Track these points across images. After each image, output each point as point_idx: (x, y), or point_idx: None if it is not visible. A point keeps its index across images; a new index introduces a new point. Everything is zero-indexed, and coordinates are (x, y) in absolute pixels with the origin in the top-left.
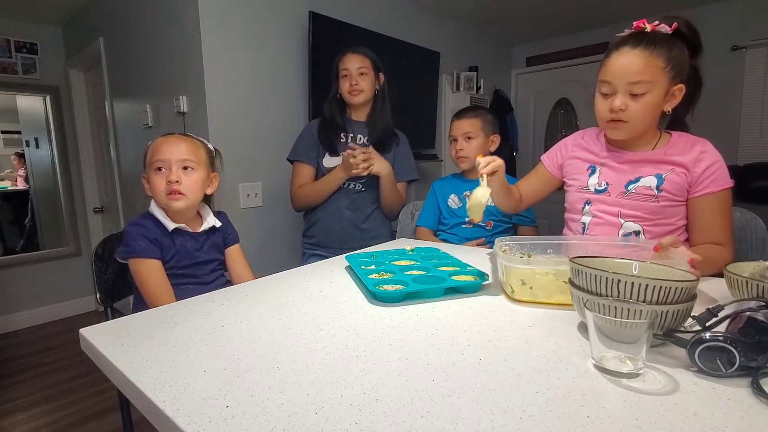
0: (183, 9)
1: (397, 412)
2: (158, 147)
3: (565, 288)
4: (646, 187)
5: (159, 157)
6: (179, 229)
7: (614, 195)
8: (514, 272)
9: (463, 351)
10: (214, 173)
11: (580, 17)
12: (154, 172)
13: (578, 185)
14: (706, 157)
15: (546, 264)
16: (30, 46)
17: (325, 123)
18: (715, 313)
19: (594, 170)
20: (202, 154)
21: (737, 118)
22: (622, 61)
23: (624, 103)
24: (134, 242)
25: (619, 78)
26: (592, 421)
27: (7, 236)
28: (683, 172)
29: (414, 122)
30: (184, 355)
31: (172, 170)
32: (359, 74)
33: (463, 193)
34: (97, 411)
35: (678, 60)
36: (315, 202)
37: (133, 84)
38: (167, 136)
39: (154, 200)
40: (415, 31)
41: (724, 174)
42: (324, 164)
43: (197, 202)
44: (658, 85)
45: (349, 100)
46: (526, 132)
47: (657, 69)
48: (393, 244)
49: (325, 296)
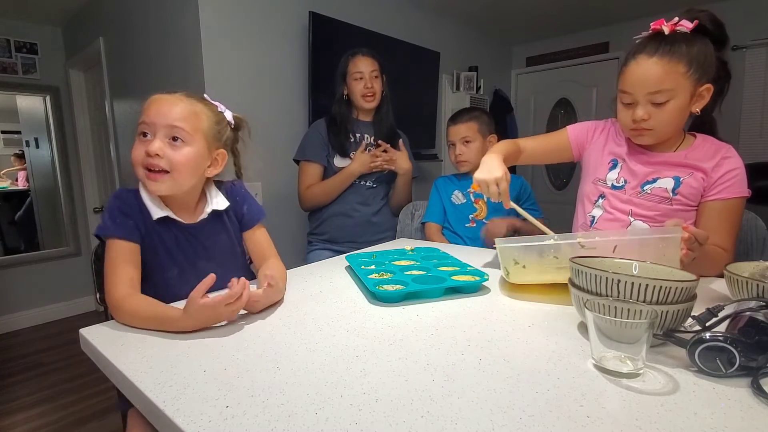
0: (183, 9)
1: (397, 412)
2: (148, 105)
3: (557, 263)
4: (662, 189)
5: (144, 118)
6: (167, 218)
7: (629, 193)
8: (507, 252)
9: (463, 351)
10: (219, 150)
11: (580, 17)
12: (138, 137)
13: (596, 177)
14: (727, 163)
15: (537, 240)
16: (30, 46)
17: (333, 124)
18: (715, 313)
19: (615, 165)
20: (203, 122)
21: (737, 118)
22: (639, 72)
23: (647, 113)
24: (112, 217)
25: (638, 89)
26: (592, 421)
27: (7, 236)
28: (702, 177)
29: (414, 122)
30: (184, 355)
31: (156, 138)
32: (373, 77)
33: (467, 190)
34: (97, 411)
35: (702, 59)
36: (326, 200)
37: (133, 84)
38: (159, 94)
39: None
40: (415, 31)
41: (741, 182)
42: (336, 164)
43: (188, 186)
44: (682, 90)
45: (362, 104)
46: (526, 132)
47: (678, 75)
48: (393, 244)
49: (325, 296)
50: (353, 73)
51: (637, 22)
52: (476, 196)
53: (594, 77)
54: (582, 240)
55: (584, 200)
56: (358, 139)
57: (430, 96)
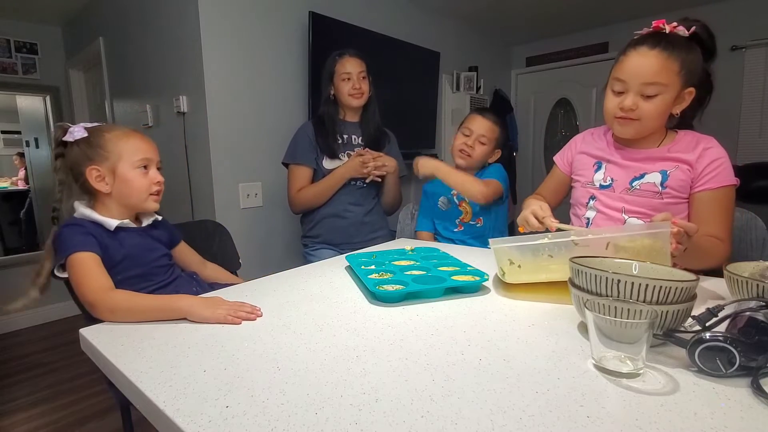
0: (183, 9)
1: (397, 412)
2: (138, 144)
3: (552, 263)
4: (650, 184)
5: (145, 155)
6: (122, 226)
7: (619, 191)
8: (502, 252)
9: (463, 351)
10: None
11: (580, 17)
12: (136, 169)
13: (584, 180)
14: (709, 154)
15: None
16: (30, 46)
17: (321, 125)
18: (715, 313)
19: (600, 166)
20: None
21: (737, 118)
22: (639, 61)
23: (635, 103)
24: (70, 240)
25: (633, 77)
26: (592, 421)
27: (7, 236)
28: (688, 169)
29: (414, 122)
30: (184, 355)
31: (157, 171)
32: (361, 78)
33: (451, 192)
34: (97, 411)
35: (692, 64)
36: (317, 203)
37: (133, 84)
38: (135, 132)
39: (124, 199)
40: (415, 31)
41: (727, 171)
42: (325, 166)
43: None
44: (671, 88)
45: (350, 103)
46: (526, 132)
47: (672, 72)
48: (393, 244)
49: (325, 296)
50: (341, 74)
51: (636, 22)
52: (459, 198)
53: (594, 77)
54: (575, 238)
55: (576, 205)
56: (345, 140)
57: (430, 96)
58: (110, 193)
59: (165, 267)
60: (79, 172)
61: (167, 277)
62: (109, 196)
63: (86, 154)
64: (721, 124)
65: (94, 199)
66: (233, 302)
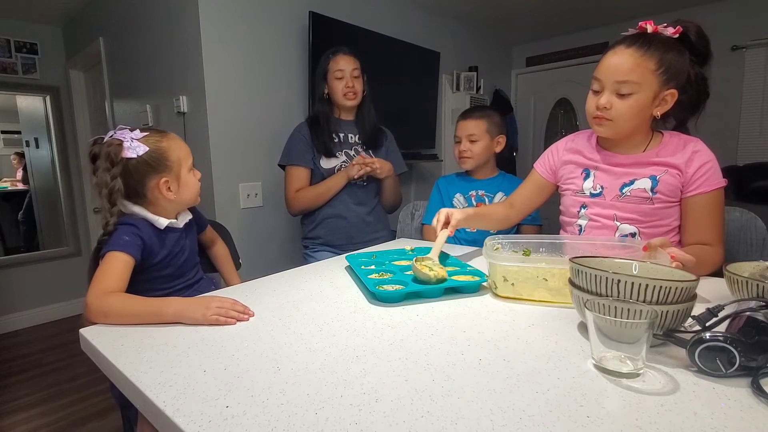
0: (183, 9)
1: (397, 412)
2: (185, 147)
3: (547, 285)
4: (640, 190)
5: (192, 157)
6: (171, 226)
7: (609, 198)
8: (497, 269)
9: (463, 351)
10: None
11: (580, 17)
12: (189, 171)
13: (574, 189)
14: (698, 157)
15: (528, 261)
16: (30, 46)
17: (316, 125)
18: (715, 313)
19: (588, 174)
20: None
21: (737, 118)
22: (613, 60)
23: (609, 102)
24: (120, 237)
25: (607, 76)
26: (592, 421)
27: (8, 236)
28: (677, 173)
29: (414, 122)
30: (184, 355)
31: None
32: (354, 76)
33: (469, 193)
34: (97, 411)
35: (673, 64)
36: (317, 205)
37: (133, 84)
38: (175, 135)
39: (183, 201)
40: (415, 31)
41: (716, 173)
42: (322, 165)
43: None
44: (647, 87)
45: (344, 103)
46: (526, 132)
47: (647, 71)
48: (393, 244)
49: (325, 296)
50: (334, 72)
51: (636, 22)
52: (478, 200)
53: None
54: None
55: (567, 214)
56: (342, 138)
57: (430, 96)
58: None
59: (192, 269)
60: (140, 183)
61: (191, 278)
62: (167, 199)
63: (151, 166)
64: (721, 124)
65: (146, 201)
66: (224, 299)
